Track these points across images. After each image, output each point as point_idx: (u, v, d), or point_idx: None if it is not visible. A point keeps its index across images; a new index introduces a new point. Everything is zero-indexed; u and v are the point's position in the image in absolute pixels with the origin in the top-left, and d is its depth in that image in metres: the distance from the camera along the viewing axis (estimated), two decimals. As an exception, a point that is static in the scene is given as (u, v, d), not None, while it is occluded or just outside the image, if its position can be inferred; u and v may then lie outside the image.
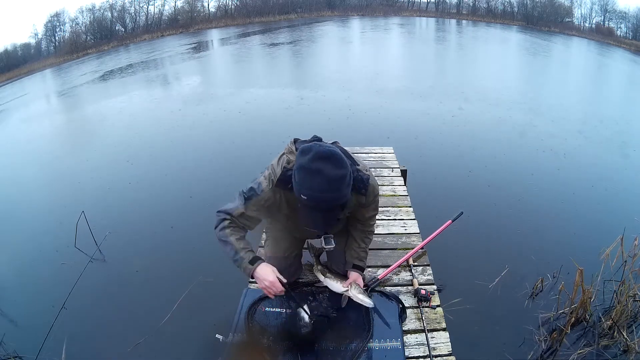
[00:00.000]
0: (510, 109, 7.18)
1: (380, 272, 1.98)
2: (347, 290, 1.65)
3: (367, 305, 1.61)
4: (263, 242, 1.91)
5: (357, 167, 1.47)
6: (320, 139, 1.50)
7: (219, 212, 1.52)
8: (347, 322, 1.66)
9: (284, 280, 1.53)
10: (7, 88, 15.10)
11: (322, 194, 1.25)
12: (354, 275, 1.69)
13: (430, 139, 5.60)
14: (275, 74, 11.36)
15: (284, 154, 1.50)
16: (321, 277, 1.78)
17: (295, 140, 1.53)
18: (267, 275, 1.49)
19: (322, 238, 1.62)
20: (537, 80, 10.56)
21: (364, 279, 1.73)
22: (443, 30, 22.53)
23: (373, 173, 1.59)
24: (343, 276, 1.73)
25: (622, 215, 3.42)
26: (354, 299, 1.63)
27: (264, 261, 1.52)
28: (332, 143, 1.49)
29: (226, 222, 1.49)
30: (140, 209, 4.06)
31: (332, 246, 1.61)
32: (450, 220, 2.39)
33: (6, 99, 12.40)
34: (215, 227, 1.51)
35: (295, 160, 1.33)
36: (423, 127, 6.23)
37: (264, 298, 1.77)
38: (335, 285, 1.71)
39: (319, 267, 1.82)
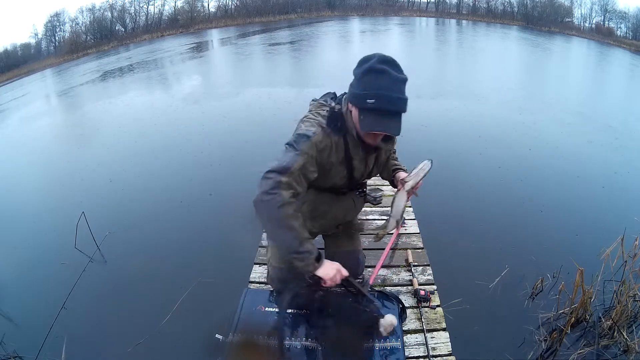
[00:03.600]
0: (510, 108, 7.17)
1: (380, 272, 1.98)
2: (405, 183, 1.57)
3: (428, 167, 1.59)
4: (266, 251, 1.80)
5: None
6: (334, 94, 1.54)
7: (269, 174, 1.23)
8: (347, 321, 1.66)
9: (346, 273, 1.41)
10: (7, 88, 15.10)
11: (392, 93, 1.26)
12: (400, 174, 1.66)
13: (430, 139, 5.60)
14: (275, 73, 11.35)
15: (311, 111, 1.48)
16: (392, 222, 1.65)
17: (315, 99, 1.54)
18: (333, 270, 1.33)
19: (368, 191, 1.65)
20: (536, 80, 10.56)
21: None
22: (443, 30, 22.53)
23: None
24: (393, 199, 1.65)
25: (622, 215, 3.42)
26: (420, 176, 1.57)
27: (322, 254, 1.34)
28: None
29: (286, 194, 1.21)
30: (141, 209, 4.06)
31: (380, 194, 1.68)
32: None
33: (6, 99, 12.40)
34: (267, 202, 1.20)
35: (354, 73, 1.34)
36: (423, 126, 6.23)
37: (264, 298, 1.77)
38: (399, 199, 1.60)
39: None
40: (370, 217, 2.59)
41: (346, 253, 1.75)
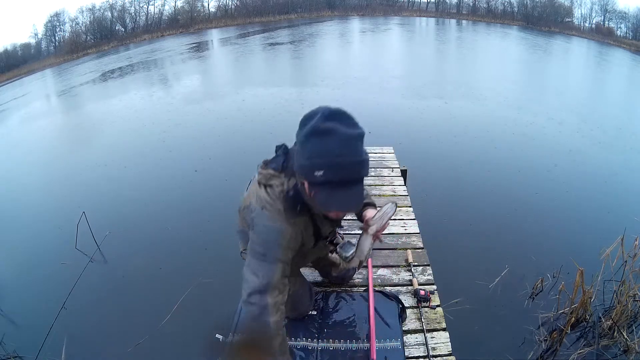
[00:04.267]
0: (512, 108, 7.18)
1: (380, 272, 1.98)
2: (369, 227, 1.47)
3: (391, 210, 1.47)
4: None
5: None
6: (283, 145, 1.30)
7: (251, 297, 1.18)
8: (347, 321, 1.66)
9: None
10: (8, 88, 15.10)
11: (342, 159, 1.01)
12: (368, 212, 1.49)
13: (430, 139, 5.60)
14: (275, 73, 11.35)
15: (264, 184, 1.24)
16: (355, 261, 1.55)
17: (266, 162, 1.29)
18: None
19: (339, 246, 1.46)
20: (536, 80, 10.56)
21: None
22: (443, 31, 22.52)
23: (373, 173, 1.56)
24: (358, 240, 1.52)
25: (622, 215, 3.42)
26: (385, 220, 1.47)
27: None
28: (294, 144, 1.31)
29: (273, 319, 1.18)
30: (141, 210, 4.07)
31: (353, 251, 1.42)
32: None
33: (6, 99, 12.40)
34: (258, 331, 1.21)
35: (297, 136, 1.10)
36: (423, 126, 6.23)
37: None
38: (364, 242, 1.48)
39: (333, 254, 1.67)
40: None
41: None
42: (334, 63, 12.39)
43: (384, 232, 1.54)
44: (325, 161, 1.01)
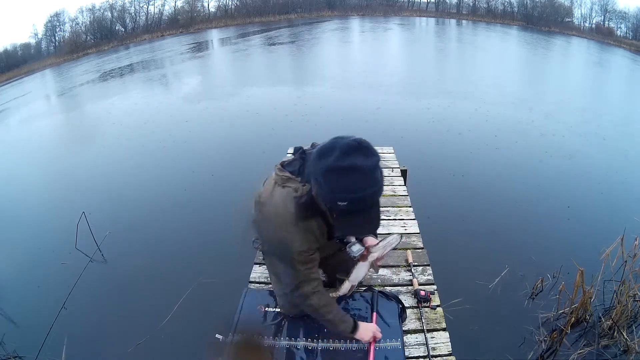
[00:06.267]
0: (512, 108, 7.18)
1: (380, 272, 1.98)
2: (370, 254, 1.56)
3: (395, 242, 1.59)
4: (267, 279, 1.82)
5: None
6: (301, 148, 1.37)
7: (293, 293, 1.41)
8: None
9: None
10: (8, 88, 15.10)
11: (364, 193, 1.07)
12: (368, 240, 1.59)
13: (430, 139, 5.60)
14: (275, 73, 11.35)
15: (280, 185, 1.31)
16: (347, 285, 1.66)
17: (284, 164, 1.35)
18: (369, 332, 1.50)
19: (349, 246, 1.53)
20: (535, 80, 10.56)
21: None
22: (443, 30, 22.52)
23: None
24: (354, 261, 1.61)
25: (622, 215, 3.42)
26: (387, 250, 1.57)
27: (356, 323, 1.48)
28: (311, 146, 1.37)
29: (315, 298, 1.40)
30: (141, 210, 4.07)
31: (362, 250, 1.53)
32: None
33: (6, 98, 12.40)
34: (308, 308, 1.44)
35: (313, 166, 1.13)
36: (423, 126, 6.23)
37: (264, 298, 1.77)
38: (360, 268, 1.60)
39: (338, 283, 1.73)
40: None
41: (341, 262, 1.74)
42: (334, 63, 12.39)
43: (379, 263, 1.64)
44: (349, 196, 1.07)
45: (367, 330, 1.50)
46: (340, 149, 1.06)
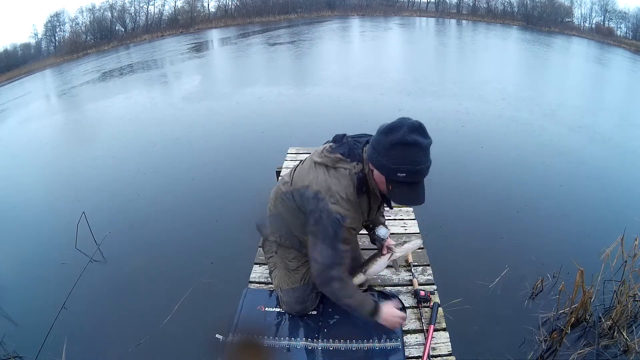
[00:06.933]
0: (513, 108, 7.17)
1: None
2: (391, 255, 1.70)
3: (417, 245, 1.77)
4: (269, 273, 1.83)
5: None
6: (345, 135, 1.51)
7: (320, 274, 1.47)
8: (347, 321, 1.66)
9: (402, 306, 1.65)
10: (8, 88, 15.10)
11: (423, 165, 1.26)
12: (390, 240, 1.74)
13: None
14: (275, 73, 11.34)
15: (331, 167, 1.42)
16: (361, 277, 1.72)
17: (333, 147, 1.46)
18: (395, 313, 1.54)
19: (377, 229, 1.69)
20: (537, 80, 10.56)
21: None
22: (444, 30, 22.52)
23: None
24: (373, 256, 1.75)
25: (622, 215, 3.42)
26: (409, 252, 1.72)
27: (377, 306, 1.52)
28: (341, 137, 1.51)
29: (340, 284, 1.47)
30: (141, 210, 4.06)
31: (388, 233, 1.68)
32: None
33: (6, 98, 12.40)
34: (332, 293, 1.49)
35: (376, 142, 1.31)
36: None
37: (264, 298, 1.77)
38: (379, 264, 1.71)
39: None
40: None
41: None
42: (334, 63, 12.39)
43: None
44: (409, 167, 1.25)
45: (391, 315, 1.52)
46: (407, 126, 1.25)
